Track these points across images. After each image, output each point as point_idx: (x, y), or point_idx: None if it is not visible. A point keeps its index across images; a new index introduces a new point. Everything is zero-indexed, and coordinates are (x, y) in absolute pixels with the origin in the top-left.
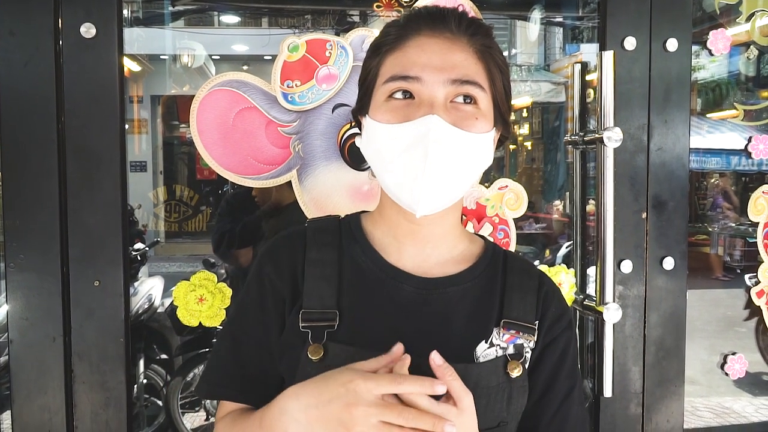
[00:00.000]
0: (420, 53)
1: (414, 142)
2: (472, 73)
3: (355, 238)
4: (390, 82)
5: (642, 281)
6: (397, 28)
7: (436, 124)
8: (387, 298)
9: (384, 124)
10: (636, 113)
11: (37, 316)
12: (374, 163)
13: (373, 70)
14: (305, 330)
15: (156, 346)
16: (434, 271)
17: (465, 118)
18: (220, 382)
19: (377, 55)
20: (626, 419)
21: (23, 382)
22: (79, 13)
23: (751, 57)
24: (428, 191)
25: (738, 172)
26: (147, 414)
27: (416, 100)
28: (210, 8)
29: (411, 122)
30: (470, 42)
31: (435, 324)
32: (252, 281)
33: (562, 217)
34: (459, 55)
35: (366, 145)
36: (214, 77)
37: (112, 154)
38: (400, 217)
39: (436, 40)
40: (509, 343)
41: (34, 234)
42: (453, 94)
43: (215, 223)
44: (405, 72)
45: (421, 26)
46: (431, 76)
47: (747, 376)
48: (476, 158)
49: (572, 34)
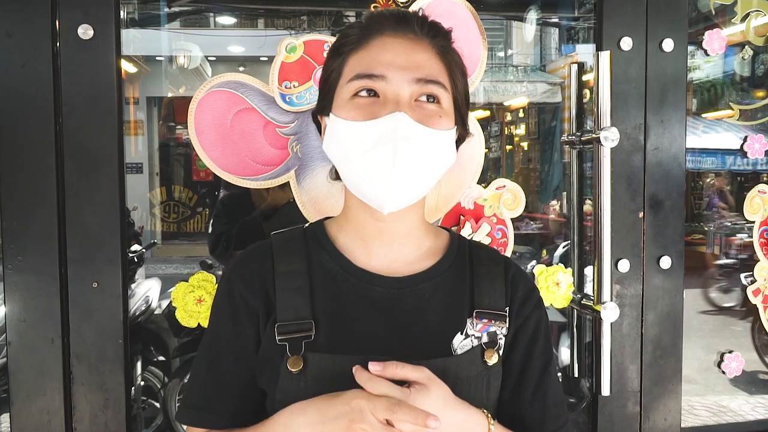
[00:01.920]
0: (384, 52)
1: (382, 139)
2: (435, 72)
3: (322, 245)
4: (355, 81)
5: (639, 280)
6: (359, 29)
7: (403, 121)
8: (360, 301)
9: (350, 122)
10: (632, 113)
11: (36, 317)
12: (340, 162)
13: (335, 70)
14: (282, 343)
15: (153, 348)
16: (404, 269)
17: (429, 116)
18: (201, 406)
19: (339, 55)
20: (624, 418)
21: (22, 384)
22: (77, 14)
23: (746, 57)
24: (397, 187)
25: (733, 172)
26: (145, 416)
27: (381, 98)
28: (206, 9)
29: (378, 119)
30: (432, 43)
31: (410, 321)
32: (223, 300)
33: (559, 217)
34: (422, 55)
35: (330, 144)
36: (212, 78)
37: (110, 155)
38: (367, 216)
39: (400, 40)
40: (483, 332)
41: (32, 235)
42: (417, 92)
43: (212, 224)
44: (370, 70)
45: (385, 27)
46: (396, 74)
47: (743, 375)
48: (441, 155)
49: (568, 34)
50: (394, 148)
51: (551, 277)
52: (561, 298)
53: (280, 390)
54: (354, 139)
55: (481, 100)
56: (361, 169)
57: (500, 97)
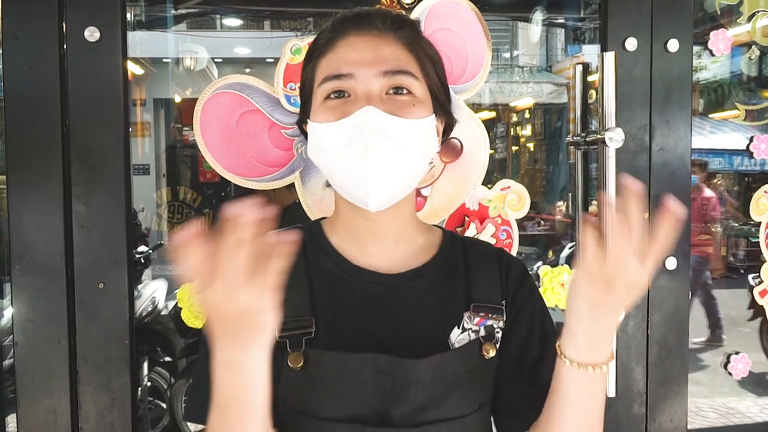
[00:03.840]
0: (350, 51)
1: (354, 136)
2: (402, 63)
3: (319, 244)
4: (325, 83)
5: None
6: (327, 32)
7: (372, 114)
8: (357, 299)
9: (323, 124)
10: (637, 114)
11: (42, 318)
12: (322, 165)
13: (309, 76)
14: (282, 339)
15: (159, 348)
16: (399, 265)
17: (401, 106)
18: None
19: (310, 60)
20: (630, 419)
21: (28, 384)
22: (83, 16)
23: (752, 57)
24: (376, 182)
25: (741, 172)
26: (151, 417)
27: (352, 97)
28: (212, 11)
29: (348, 117)
30: (397, 36)
31: (407, 318)
32: None
33: (565, 218)
34: (387, 48)
35: (312, 150)
36: (218, 80)
37: (117, 157)
38: (356, 216)
39: (364, 37)
40: (480, 326)
41: (39, 236)
42: (387, 86)
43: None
44: (337, 71)
45: (349, 27)
46: (363, 70)
47: (751, 377)
48: (419, 144)
49: (574, 35)
50: (365, 143)
51: (556, 278)
52: None
53: (282, 387)
54: (329, 139)
55: (487, 101)
56: (341, 169)
57: (506, 97)
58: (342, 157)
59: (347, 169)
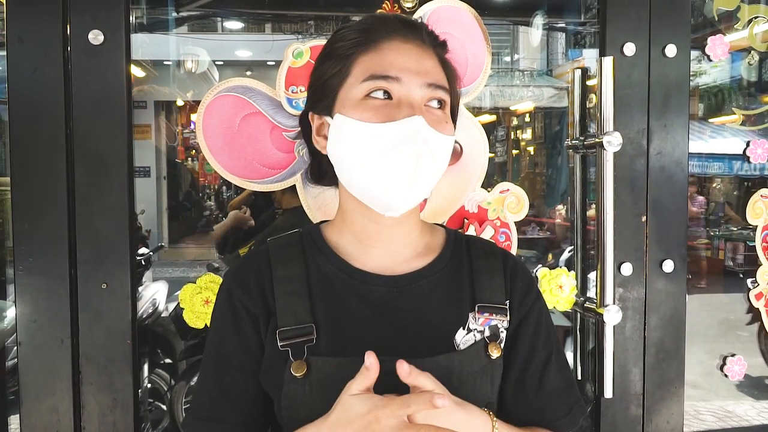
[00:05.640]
0: (397, 56)
1: (402, 142)
2: (441, 78)
3: (319, 248)
4: (369, 81)
5: (642, 284)
6: (361, 31)
7: (422, 125)
8: (360, 302)
9: (365, 123)
10: (635, 118)
11: (45, 318)
12: (350, 163)
13: (341, 70)
14: (284, 349)
15: (160, 350)
16: (402, 267)
17: (438, 121)
18: (209, 417)
19: (344, 55)
20: (627, 420)
21: (31, 384)
22: (87, 19)
23: (752, 62)
24: (412, 191)
25: (740, 177)
26: (151, 418)
27: (394, 100)
28: (214, 14)
29: (398, 122)
30: (435, 51)
31: (411, 320)
32: (224, 309)
33: (565, 221)
34: (430, 61)
35: (337, 145)
36: (220, 83)
37: (120, 159)
38: (366, 220)
39: (410, 45)
40: (485, 326)
41: (43, 237)
42: (428, 97)
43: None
44: (385, 71)
45: (395, 31)
46: (410, 78)
47: (749, 380)
48: (446, 159)
49: (575, 39)
50: (418, 152)
51: (554, 280)
52: (564, 301)
53: (286, 396)
54: (370, 140)
55: (487, 104)
56: (371, 171)
57: (506, 101)
58: (381, 159)
59: (382, 172)
